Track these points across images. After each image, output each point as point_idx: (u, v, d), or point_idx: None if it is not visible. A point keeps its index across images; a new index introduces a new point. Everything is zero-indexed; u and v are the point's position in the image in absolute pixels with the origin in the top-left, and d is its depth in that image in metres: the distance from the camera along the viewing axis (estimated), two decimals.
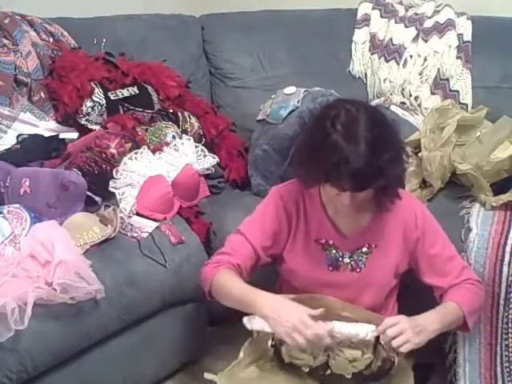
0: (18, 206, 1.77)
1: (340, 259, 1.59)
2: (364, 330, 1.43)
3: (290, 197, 1.62)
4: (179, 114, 2.39)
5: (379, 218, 1.60)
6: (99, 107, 2.24)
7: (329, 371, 1.48)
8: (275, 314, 1.42)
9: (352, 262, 1.59)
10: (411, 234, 1.60)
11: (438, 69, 2.54)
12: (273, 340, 1.49)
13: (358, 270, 1.59)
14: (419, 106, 2.52)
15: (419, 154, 2.11)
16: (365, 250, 1.59)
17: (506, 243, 1.85)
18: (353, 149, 1.36)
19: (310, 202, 1.61)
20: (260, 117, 2.37)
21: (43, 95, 2.29)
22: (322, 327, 1.38)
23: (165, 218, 1.97)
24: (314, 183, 1.53)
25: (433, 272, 1.62)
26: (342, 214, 1.57)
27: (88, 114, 2.23)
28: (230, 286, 1.53)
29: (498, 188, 1.98)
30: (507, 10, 2.55)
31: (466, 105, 2.49)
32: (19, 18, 2.36)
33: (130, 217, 1.95)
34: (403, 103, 2.48)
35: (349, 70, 2.68)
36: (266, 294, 1.50)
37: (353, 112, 1.41)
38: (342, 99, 1.58)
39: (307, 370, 1.50)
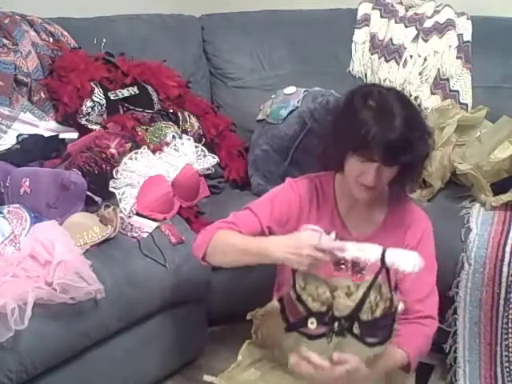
0: (18, 205, 1.77)
1: (343, 260, 1.59)
2: (373, 254, 1.36)
3: (305, 191, 1.60)
4: (179, 114, 2.39)
5: (388, 224, 1.60)
6: (99, 107, 2.24)
7: (336, 324, 1.36)
8: (294, 251, 1.37)
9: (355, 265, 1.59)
10: (411, 242, 1.60)
11: (438, 69, 2.54)
12: (280, 301, 1.43)
13: (358, 275, 1.59)
14: (419, 106, 2.52)
15: None
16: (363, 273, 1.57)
17: (506, 243, 1.85)
18: (388, 121, 1.42)
19: (323, 199, 1.60)
20: (260, 117, 2.37)
21: (43, 95, 2.29)
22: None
23: (165, 218, 1.97)
24: (341, 157, 1.51)
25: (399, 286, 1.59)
26: (355, 210, 1.57)
27: (88, 113, 2.23)
28: (233, 239, 1.49)
29: (498, 188, 1.98)
30: (507, 9, 2.55)
31: (466, 105, 2.49)
32: (19, 18, 2.36)
33: (130, 217, 1.95)
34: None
35: (349, 70, 2.68)
36: (275, 237, 1.47)
37: (384, 91, 1.49)
38: (369, 83, 1.65)
39: (314, 325, 1.39)
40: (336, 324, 1.33)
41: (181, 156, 2.15)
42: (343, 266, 1.48)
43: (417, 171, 1.57)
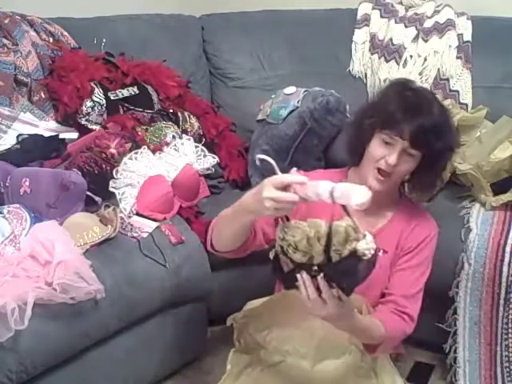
0: (17, 205, 1.77)
1: None
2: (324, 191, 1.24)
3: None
4: (179, 114, 2.39)
5: (396, 222, 1.60)
6: (99, 107, 2.24)
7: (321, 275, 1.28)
8: (257, 197, 1.25)
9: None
10: (408, 244, 1.61)
11: (438, 69, 2.53)
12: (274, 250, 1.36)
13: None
14: None
15: None
16: None
17: (506, 243, 1.85)
18: (426, 106, 1.50)
19: None
20: (260, 117, 2.37)
21: (43, 95, 2.29)
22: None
23: (165, 218, 1.97)
24: (367, 137, 1.54)
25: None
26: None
27: (88, 113, 2.23)
28: (223, 213, 1.43)
29: (498, 188, 1.98)
30: (507, 10, 2.55)
31: (466, 105, 2.49)
32: (19, 18, 2.36)
33: (130, 217, 1.95)
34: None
35: (349, 70, 2.68)
36: (248, 192, 1.33)
37: (420, 87, 1.63)
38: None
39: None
40: (321, 275, 1.25)
41: (181, 156, 2.15)
42: None
43: (436, 168, 1.59)
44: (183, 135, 2.27)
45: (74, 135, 2.21)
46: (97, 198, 1.95)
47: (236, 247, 1.49)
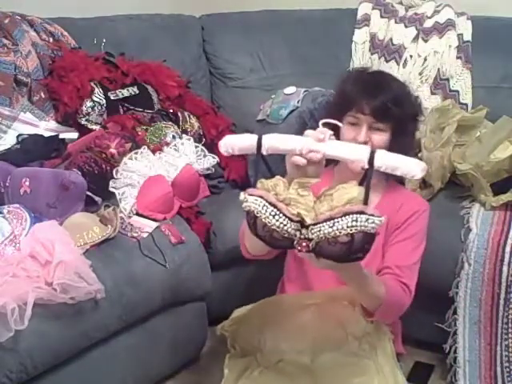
0: (17, 206, 1.77)
1: None
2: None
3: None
4: (179, 114, 2.39)
5: (383, 206, 1.60)
6: (99, 107, 2.24)
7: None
8: None
9: None
10: (397, 220, 1.60)
11: (438, 69, 2.53)
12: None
13: None
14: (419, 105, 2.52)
15: (419, 154, 2.11)
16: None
17: (505, 243, 1.85)
18: (384, 83, 1.59)
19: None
20: (260, 117, 2.37)
21: (43, 95, 2.29)
22: None
23: (165, 218, 1.97)
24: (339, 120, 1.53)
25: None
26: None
27: (88, 113, 2.23)
28: None
29: (498, 188, 1.98)
30: (507, 10, 2.55)
31: (466, 105, 2.49)
32: (19, 18, 2.36)
33: (130, 217, 1.95)
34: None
35: (349, 70, 2.68)
36: None
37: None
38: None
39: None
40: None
41: (181, 156, 2.15)
42: None
43: (408, 140, 1.63)
44: (183, 135, 2.27)
45: (74, 135, 2.21)
46: (97, 198, 1.95)
47: (267, 250, 1.51)
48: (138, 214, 1.96)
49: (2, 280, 1.53)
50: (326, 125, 1.31)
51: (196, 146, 2.22)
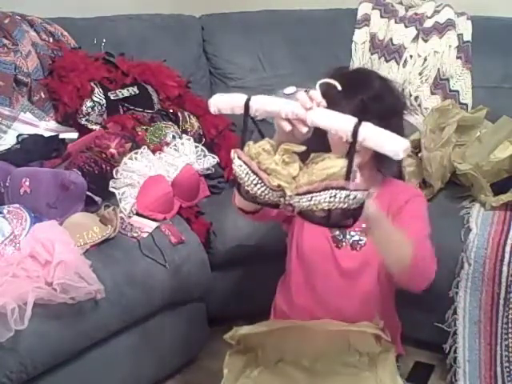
0: (17, 206, 1.77)
1: (341, 237, 1.59)
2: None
3: None
4: (179, 114, 2.39)
5: (379, 199, 1.60)
6: (99, 107, 2.24)
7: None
8: None
9: (351, 241, 1.58)
10: (393, 209, 1.56)
11: (438, 69, 2.54)
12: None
13: (358, 248, 1.59)
14: (419, 106, 2.52)
15: (419, 155, 2.11)
16: (364, 226, 1.46)
17: (505, 243, 1.85)
18: (365, 80, 1.56)
19: None
20: (260, 117, 2.37)
21: (43, 95, 2.29)
22: None
23: (165, 218, 1.97)
24: None
25: None
26: None
27: (88, 113, 2.23)
28: None
29: (498, 188, 1.98)
30: (507, 10, 2.55)
31: (466, 105, 2.49)
32: (19, 18, 2.36)
33: (130, 217, 1.94)
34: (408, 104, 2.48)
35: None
36: None
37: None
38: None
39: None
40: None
41: (181, 156, 2.15)
42: None
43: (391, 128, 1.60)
44: (183, 135, 2.27)
45: (74, 135, 2.21)
46: (97, 198, 1.95)
47: (253, 210, 1.48)
48: (138, 214, 1.96)
49: (2, 280, 1.53)
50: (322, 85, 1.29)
51: (196, 146, 2.22)
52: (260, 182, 1.19)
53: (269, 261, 1.84)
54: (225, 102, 1.29)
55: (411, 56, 2.56)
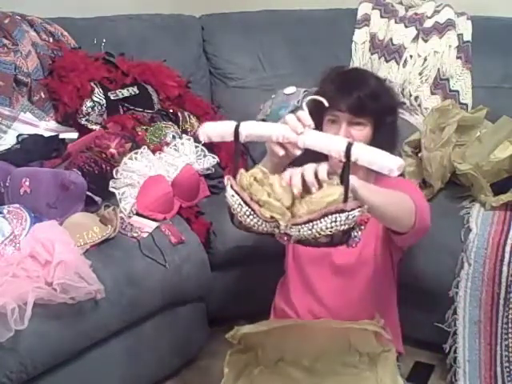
0: (17, 206, 1.77)
1: None
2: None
3: None
4: (179, 114, 2.39)
5: None
6: (99, 107, 2.24)
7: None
8: None
9: None
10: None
11: (438, 69, 2.53)
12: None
13: (353, 244, 1.59)
14: (419, 106, 2.52)
15: (419, 155, 2.12)
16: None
17: (505, 243, 1.85)
18: (361, 79, 1.60)
19: None
20: (260, 117, 2.37)
21: (43, 95, 2.29)
22: None
23: (165, 218, 1.97)
24: (320, 121, 1.56)
25: None
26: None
27: (88, 113, 2.23)
28: None
29: (498, 188, 1.98)
30: (507, 10, 2.55)
31: (466, 105, 2.49)
32: (19, 18, 2.37)
33: (130, 217, 1.95)
34: (403, 103, 2.48)
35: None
36: None
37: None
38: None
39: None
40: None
41: (181, 156, 2.15)
42: None
43: (389, 132, 1.63)
44: (183, 135, 2.27)
45: (74, 135, 2.21)
46: (97, 198, 1.95)
47: None
48: (138, 214, 1.96)
49: (2, 280, 1.53)
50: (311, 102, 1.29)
51: (196, 146, 2.22)
52: (253, 213, 1.18)
53: (269, 261, 1.84)
54: (214, 131, 1.29)
55: (411, 56, 2.56)
